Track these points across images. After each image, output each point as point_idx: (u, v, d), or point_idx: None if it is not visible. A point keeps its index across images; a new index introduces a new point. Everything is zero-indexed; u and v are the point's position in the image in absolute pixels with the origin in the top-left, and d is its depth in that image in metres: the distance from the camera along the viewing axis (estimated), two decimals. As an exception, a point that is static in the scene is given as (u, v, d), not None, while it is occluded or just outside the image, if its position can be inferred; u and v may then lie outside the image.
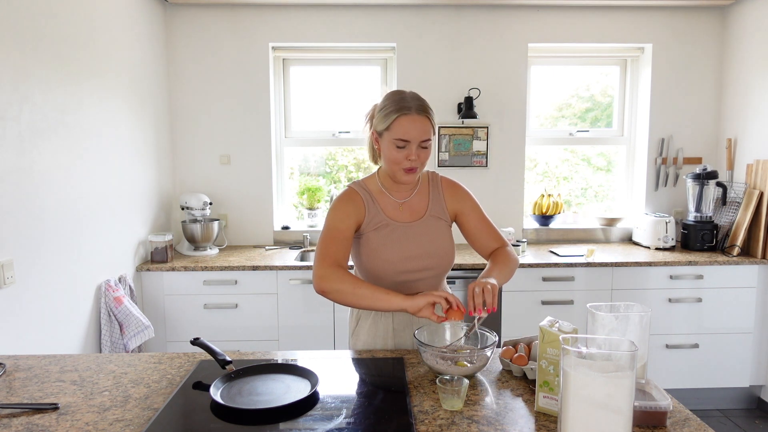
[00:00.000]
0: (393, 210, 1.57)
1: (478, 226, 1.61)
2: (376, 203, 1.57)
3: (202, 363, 1.41)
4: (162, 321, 2.86)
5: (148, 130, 3.01)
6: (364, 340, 1.59)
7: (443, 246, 1.57)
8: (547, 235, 3.52)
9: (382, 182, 1.59)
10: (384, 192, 1.58)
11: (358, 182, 1.61)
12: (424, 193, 1.61)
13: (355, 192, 1.57)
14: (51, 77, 2.13)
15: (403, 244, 1.53)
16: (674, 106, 3.40)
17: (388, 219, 1.55)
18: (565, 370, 0.92)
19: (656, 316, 2.90)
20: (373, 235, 1.54)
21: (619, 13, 3.33)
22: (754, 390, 3.07)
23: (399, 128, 1.44)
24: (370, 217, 1.55)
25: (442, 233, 1.58)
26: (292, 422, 1.10)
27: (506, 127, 3.39)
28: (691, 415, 1.13)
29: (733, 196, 3.19)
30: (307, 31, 3.29)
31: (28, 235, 2.00)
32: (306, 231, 3.41)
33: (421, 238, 1.55)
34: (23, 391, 1.25)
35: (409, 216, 1.57)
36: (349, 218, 1.53)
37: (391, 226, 1.55)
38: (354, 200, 1.55)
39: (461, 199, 1.62)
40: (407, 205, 1.58)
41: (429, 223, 1.57)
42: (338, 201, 1.56)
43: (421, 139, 1.45)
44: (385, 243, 1.53)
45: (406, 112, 1.44)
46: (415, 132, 1.44)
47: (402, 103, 1.45)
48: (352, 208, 1.54)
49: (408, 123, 1.44)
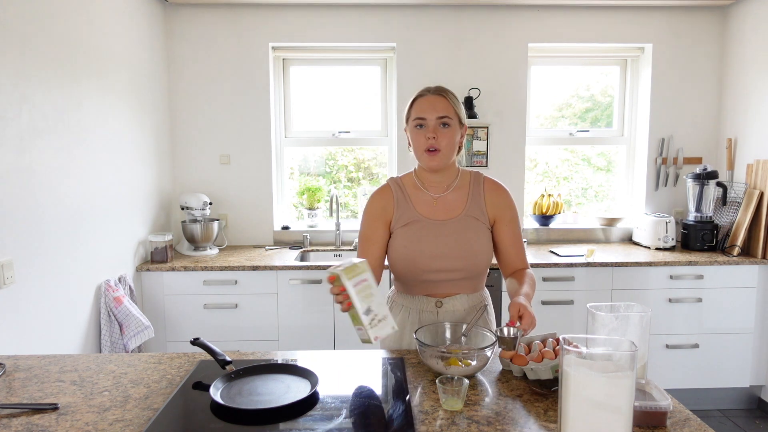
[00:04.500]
0: (426, 206, 1.54)
1: (510, 241, 1.56)
2: (408, 199, 1.55)
3: (202, 363, 1.41)
4: (162, 321, 2.86)
5: (148, 130, 3.01)
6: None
7: (477, 248, 1.51)
8: (547, 235, 3.52)
9: (417, 176, 1.58)
10: (419, 187, 1.56)
11: (396, 178, 1.62)
12: (463, 190, 1.56)
13: (387, 188, 1.59)
14: (51, 77, 2.13)
15: (432, 242, 1.50)
16: (674, 106, 3.40)
17: (419, 215, 1.53)
18: (565, 370, 0.92)
19: (656, 316, 2.90)
20: (401, 231, 1.53)
21: (619, 13, 3.33)
22: (754, 390, 3.07)
23: (417, 108, 1.50)
24: (399, 213, 1.54)
25: (478, 234, 1.52)
26: (292, 422, 1.10)
27: (506, 127, 3.39)
28: (691, 415, 1.13)
29: (733, 196, 3.19)
30: (307, 31, 3.29)
31: (28, 235, 2.00)
32: (306, 231, 3.41)
33: (453, 237, 1.50)
34: (23, 391, 1.25)
35: (443, 213, 1.53)
36: (377, 220, 1.55)
37: (422, 223, 1.52)
38: (384, 196, 1.57)
39: (505, 206, 1.56)
40: (442, 201, 1.55)
41: (464, 223, 1.52)
42: (370, 198, 1.59)
43: (437, 115, 1.47)
44: (412, 240, 1.51)
45: (424, 94, 1.51)
46: (429, 108, 1.47)
47: (422, 90, 1.53)
48: (380, 207, 1.56)
49: (424, 102, 1.49)
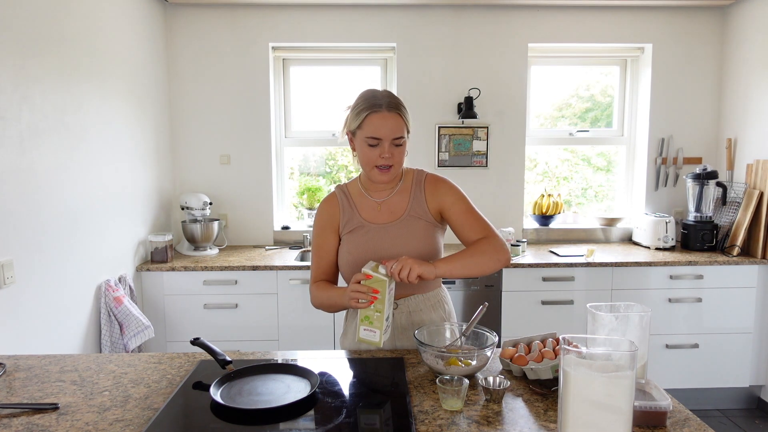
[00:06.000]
0: (370, 211, 1.54)
1: (460, 219, 1.50)
2: (353, 205, 1.55)
3: (202, 363, 1.41)
4: (162, 321, 2.86)
5: (148, 130, 3.01)
6: (351, 339, 1.60)
7: (420, 247, 1.49)
8: (547, 235, 3.52)
9: (362, 183, 1.58)
10: (363, 193, 1.56)
11: (342, 185, 1.62)
12: (405, 192, 1.54)
13: (333, 196, 1.59)
14: (51, 77, 2.13)
15: (376, 246, 1.50)
16: (674, 106, 3.40)
17: (363, 221, 1.53)
18: (565, 370, 0.92)
19: (656, 316, 2.90)
20: (347, 238, 1.54)
21: (619, 13, 3.33)
22: (754, 390, 3.07)
23: (370, 126, 1.41)
24: (345, 220, 1.55)
25: (420, 234, 1.51)
26: (292, 422, 1.10)
27: (506, 127, 3.39)
28: (691, 415, 1.13)
29: (733, 196, 3.19)
30: (307, 31, 3.29)
31: (28, 235, 2.00)
32: (306, 231, 3.41)
33: (397, 239, 1.50)
34: (23, 391, 1.25)
35: (387, 217, 1.53)
36: (325, 229, 1.57)
37: (366, 228, 1.52)
38: (330, 205, 1.58)
39: (443, 194, 1.53)
40: (386, 205, 1.54)
41: (407, 224, 1.51)
42: (318, 208, 1.60)
43: (393, 136, 1.42)
44: (358, 246, 1.51)
45: (377, 110, 1.41)
46: (385, 129, 1.41)
47: (373, 100, 1.43)
48: (327, 216, 1.57)
49: (379, 120, 1.41)
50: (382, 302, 1.32)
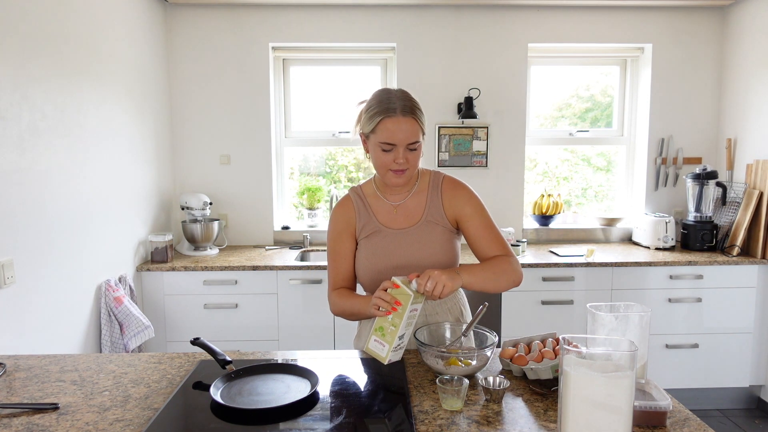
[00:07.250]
0: (386, 215, 1.50)
1: (478, 233, 1.47)
2: (369, 209, 1.51)
3: (202, 363, 1.41)
4: (162, 321, 2.86)
5: (148, 130, 3.01)
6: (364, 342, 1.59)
7: (437, 254, 1.46)
8: (547, 235, 3.52)
9: (377, 185, 1.53)
10: (379, 195, 1.52)
11: (356, 187, 1.57)
12: (422, 195, 1.50)
13: (348, 200, 1.54)
14: (51, 77, 2.13)
15: (393, 253, 1.46)
16: (674, 106, 3.40)
17: (380, 225, 1.48)
18: (565, 370, 0.92)
19: (656, 316, 2.90)
20: (364, 243, 1.50)
21: (619, 13, 3.33)
22: (754, 390, 3.07)
23: (384, 131, 1.36)
24: (361, 224, 1.50)
25: (437, 240, 1.46)
26: (292, 422, 1.10)
27: (506, 127, 3.39)
28: (691, 415, 1.13)
29: (733, 196, 3.19)
30: (307, 31, 3.29)
31: (28, 235, 2.00)
32: (306, 231, 3.41)
33: (413, 245, 1.46)
34: (23, 391, 1.25)
35: (404, 221, 1.49)
36: (341, 234, 1.52)
37: (383, 233, 1.48)
38: (346, 208, 1.53)
39: (462, 203, 1.49)
40: (402, 208, 1.50)
41: (424, 229, 1.47)
42: (333, 212, 1.56)
43: (408, 142, 1.37)
44: (375, 252, 1.47)
45: (391, 114, 1.35)
46: (401, 135, 1.36)
47: (387, 104, 1.37)
48: (343, 220, 1.52)
49: (393, 125, 1.35)
50: (400, 316, 1.27)
